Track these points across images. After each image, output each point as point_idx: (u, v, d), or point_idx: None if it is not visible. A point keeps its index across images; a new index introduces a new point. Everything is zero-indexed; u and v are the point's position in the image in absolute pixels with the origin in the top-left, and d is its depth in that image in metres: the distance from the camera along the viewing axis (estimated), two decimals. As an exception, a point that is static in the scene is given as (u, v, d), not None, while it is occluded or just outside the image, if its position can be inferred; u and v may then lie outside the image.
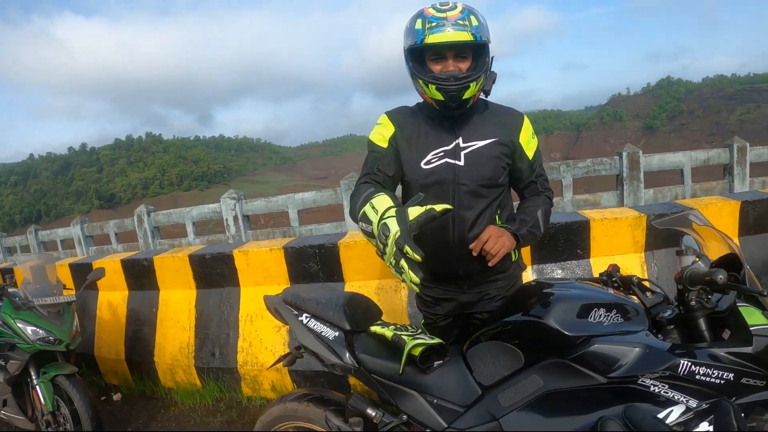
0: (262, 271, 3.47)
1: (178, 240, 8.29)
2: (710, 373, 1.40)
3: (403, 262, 1.39)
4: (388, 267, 1.46)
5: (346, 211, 6.93)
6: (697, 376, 1.40)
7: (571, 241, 3.06)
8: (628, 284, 1.76)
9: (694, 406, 1.40)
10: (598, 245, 3.06)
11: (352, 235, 3.37)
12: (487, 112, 1.93)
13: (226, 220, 7.36)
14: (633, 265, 3.08)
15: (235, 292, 3.62)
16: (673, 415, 1.39)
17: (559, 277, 3.06)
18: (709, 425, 1.35)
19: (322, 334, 1.76)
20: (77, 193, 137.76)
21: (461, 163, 1.84)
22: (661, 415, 1.39)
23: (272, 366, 2.14)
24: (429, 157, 1.86)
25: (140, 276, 3.99)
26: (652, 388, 1.42)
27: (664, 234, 3.07)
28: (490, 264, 1.78)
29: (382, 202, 1.53)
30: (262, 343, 3.43)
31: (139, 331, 3.95)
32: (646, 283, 1.78)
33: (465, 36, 1.70)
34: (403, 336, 1.66)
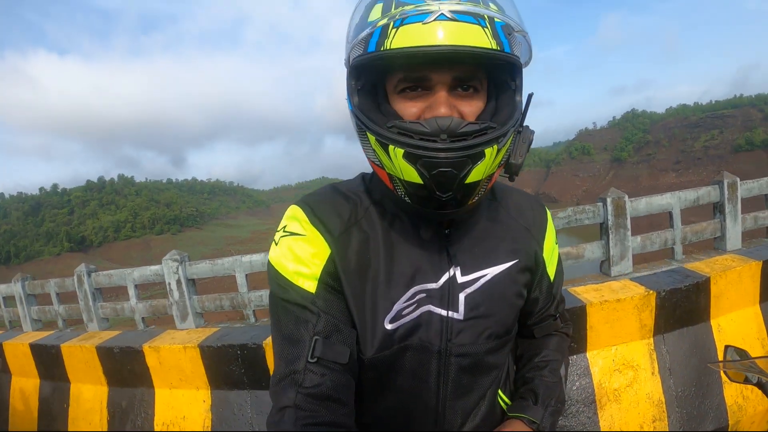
0: (177, 371, 2.79)
1: (121, 304, 7.50)
2: None
3: None
4: None
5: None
6: None
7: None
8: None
9: None
10: (596, 335, 2.46)
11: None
12: (497, 208, 1.09)
13: (169, 284, 6.58)
14: (640, 354, 2.50)
15: (150, 395, 2.93)
16: None
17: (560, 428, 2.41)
18: None
19: None
20: (48, 235, 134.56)
21: (458, 315, 0.99)
22: None
23: None
24: (397, 307, 0.96)
25: (50, 365, 3.44)
26: None
27: (678, 312, 2.51)
28: None
29: None
30: (183, 463, 2.71)
31: (51, 429, 3.39)
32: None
33: (478, 37, 0.79)
34: None
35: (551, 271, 1.15)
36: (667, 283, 2.52)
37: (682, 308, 2.52)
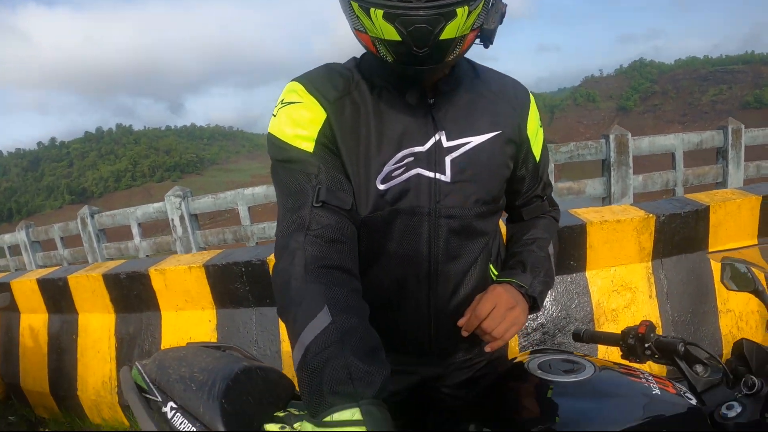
0: (182, 293, 2.86)
1: (125, 243, 7.59)
2: None
3: None
4: None
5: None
6: None
7: (562, 250, 2.41)
8: (669, 353, 1.08)
9: None
10: (596, 255, 2.48)
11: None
12: (480, 84, 1.13)
13: (172, 220, 6.65)
14: (638, 276, 2.53)
15: (156, 318, 3.02)
16: None
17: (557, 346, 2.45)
18: None
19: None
20: (48, 189, 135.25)
21: (446, 177, 1.05)
22: None
23: None
24: (388, 168, 1.03)
25: (57, 298, 3.48)
26: None
27: (677, 238, 2.53)
28: (488, 350, 1.08)
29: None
30: (186, 378, 2.80)
31: (61, 362, 3.48)
32: (698, 352, 1.07)
33: None
34: None
35: (536, 151, 1.21)
36: (667, 209, 2.52)
37: (680, 234, 2.54)
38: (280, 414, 1.08)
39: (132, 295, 3.03)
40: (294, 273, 0.91)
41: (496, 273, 1.22)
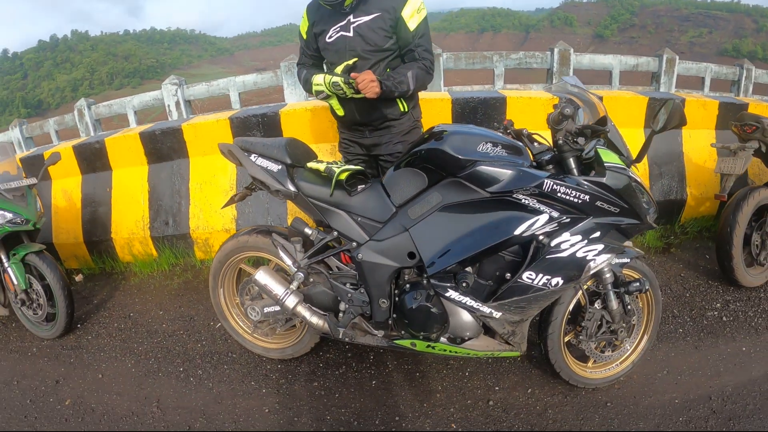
0: (209, 141, 3.78)
1: (120, 131, 8.25)
2: (569, 192, 1.84)
3: (341, 83, 2.22)
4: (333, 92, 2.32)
5: (287, 92, 7.24)
6: (558, 194, 1.84)
7: (488, 114, 3.54)
8: (519, 135, 2.17)
9: (557, 215, 1.86)
10: (513, 120, 3.54)
11: (292, 105, 3.74)
12: None
13: (168, 106, 7.42)
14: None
15: (185, 164, 3.92)
16: (540, 221, 1.86)
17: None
18: (571, 235, 1.87)
19: (268, 168, 2.18)
20: (2, 104, 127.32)
21: (350, 34, 2.38)
22: (530, 222, 1.86)
23: (226, 205, 2.59)
24: (330, 32, 2.43)
25: (93, 159, 4.12)
26: (523, 201, 1.87)
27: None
28: (364, 94, 2.23)
29: (319, 77, 2.35)
30: (211, 207, 3.82)
31: (95, 212, 4.14)
32: (537, 137, 2.19)
33: None
34: (333, 168, 2.12)
35: (410, 26, 2.35)
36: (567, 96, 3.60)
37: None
38: (313, 161, 2.19)
39: (165, 147, 3.88)
40: (300, 72, 2.61)
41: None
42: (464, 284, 1.99)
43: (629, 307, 2.17)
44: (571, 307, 2.18)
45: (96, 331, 3.30)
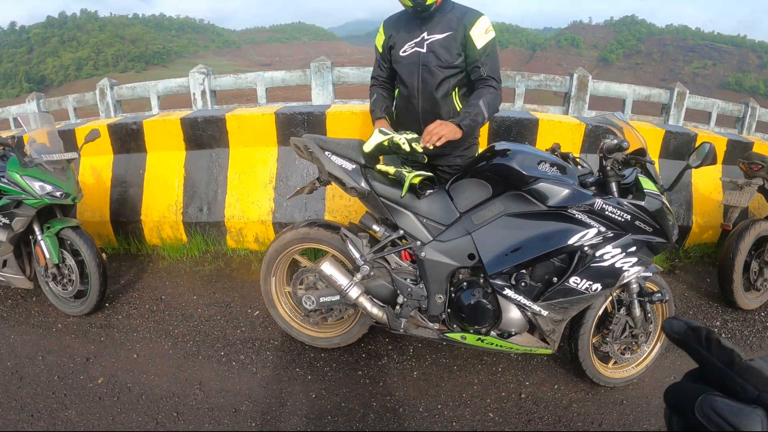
0: (252, 133, 3.87)
1: (141, 114, 8.29)
2: (615, 211, 2.11)
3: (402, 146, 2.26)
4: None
5: (314, 92, 7.32)
6: (607, 212, 2.12)
7: (521, 134, 3.69)
8: (565, 158, 2.45)
9: (603, 230, 2.12)
10: (542, 141, 3.69)
11: (338, 107, 3.84)
12: (450, 12, 2.49)
13: (194, 94, 7.48)
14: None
15: (225, 153, 3.99)
16: (589, 234, 2.12)
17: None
18: (613, 248, 2.13)
19: (343, 166, 2.30)
20: (5, 76, 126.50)
21: (424, 50, 2.50)
22: (581, 234, 2.11)
23: (293, 196, 2.70)
24: (404, 47, 2.55)
25: (128, 140, 4.16)
26: (576, 216, 2.13)
27: (598, 143, 3.73)
28: (430, 145, 2.30)
29: (380, 136, 2.32)
30: (249, 198, 3.90)
31: (125, 193, 4.17)
32: (578, 160, 2.49)
33: None
34: (403, 171, 2.26)
35: (478, 44, 2.45)
36: (593, 122, 3.75)
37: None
38: (381, 164, 2.35)
39: (206, 135, 3.95)
40: (371, 91, 2.78)
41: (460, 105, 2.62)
42: (523, 284, 2.22)
43: (649, 315, 2.43)
44: (600, 312, 2.43)
45: (126, 311, 3.33)
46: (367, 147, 2.28)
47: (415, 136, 2.29)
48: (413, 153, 2.25)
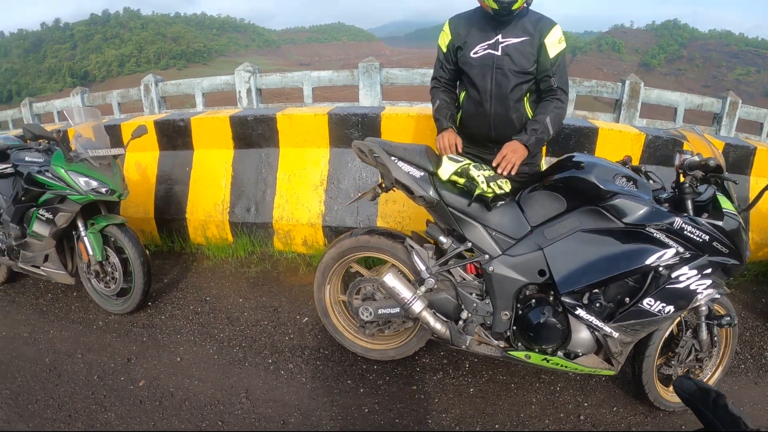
0: (304, 134, 3.78)
1: (186, 110, 8.35)
2: (694, 231, 2.00)
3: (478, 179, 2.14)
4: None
5: (362, 92, 7.26)
6: (686, 232, 2.00)
7: (580, 143, 3.51)
8: (637, 171, 2.29)
9: (681, 251, 2.00)
10: (601, 150, 3.49)
11: (393, 109, 3.72)
12: (526, 17, 2.41)
13: (239, 92, 7.50)
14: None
15: (275, 153, 3.91)
16: (668, 254, 2.01)
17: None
18: (689, 269, 2.01)
19: (410, 173, 2.20)
20: (50, 71, 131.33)
21: (499, 53, 2.38)
22: (660, 254, 1.99)
23: (355, 200, 2.65)
24: (476, 48, 2.42)
25: (174, 136, 4.11)
26: (655, 235, 2.02)
27: (657, 154, 3.54)
28: (505, 172, 2.29)
29: (452, 165, 2.20)
30: (299, 200, 3.81)
31: (171, 190, 4.13)
32: (650, 174, 2.34)
33: None
34: (475, 178, 2.13)
35: (551, 53, 2.38)
36: (654, 132, 3.54)
37: (660, 151, 3.53)
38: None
39: (255, 134, 3.87)
40: (432, 92, 2.64)
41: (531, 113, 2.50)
42: (597, 305, 2.11)
43: (715, 338, 2.33)
44: (666, 334, 2.32)
45: (170, 311, 3.28)
46: (444, 174, 2.18)
47: (492, 173, 2.20)
48: (493, 192, 2.15)
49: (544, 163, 3.50)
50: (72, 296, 3.51)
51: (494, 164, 2.30)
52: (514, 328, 2.24)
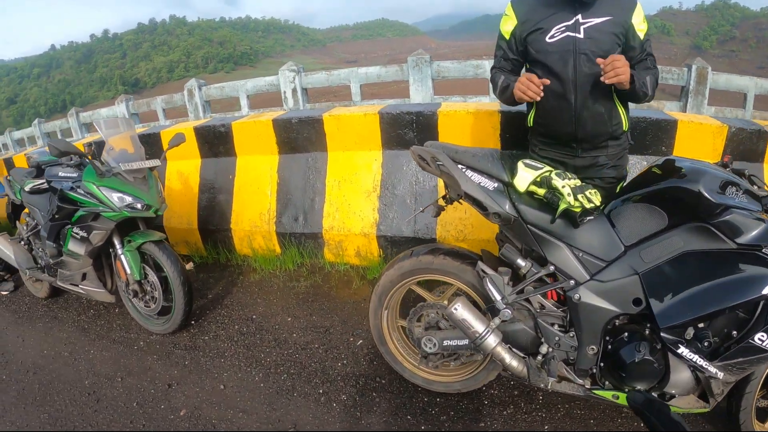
0: (353, 135, 3.49)
1: (231, 113, 8.28)
2: None
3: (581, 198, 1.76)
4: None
5: (412, 88, 6.94)
6: None
7: (658, 137, 3.07)
8: (740, 175, 1.89)
9: None
10: (680, 146, 3.06)
11: (451, 105, 3.35)
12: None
13: (284, 92, 7.32)
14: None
15: (323, 157, 3.65)
16: None
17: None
18: None
19: (482, 184, 1.87)
20: (102, 80, 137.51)
21: (581, 36, 2.01)
22: None
23: (414, 216, 2.44)
24: (552, 32, 2.05)
25: (216, 143, 3.92)
26: None
27: (741, 149, 3.07)
28: (603, 79, 1.92)
29: (530, 172, 1.85)
30: (350, 208, 3.53)
31: (214, 199, 3.96)
32: (753, 178, 1.94)
33: None
34: (557, 189, 1.78)
35: (641, 34, 2.08)
36: (737, 124, 3.07)
37: (744, 145, 3.07)
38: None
39: (301, 137, 3.61)
40: (494, 76, 2.22)
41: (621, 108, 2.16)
42: (706, 343, 1.76)
43: None
44: None
45: (214, 331, 3.09)
46: (522, 185, 1.84)
47: (578, 182, 1.83)
48: (581, 206, 1.78)
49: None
50: (114, 313, 3.39)
51: (600, 63, 1.93)
52: (602, 365, 1.93)
